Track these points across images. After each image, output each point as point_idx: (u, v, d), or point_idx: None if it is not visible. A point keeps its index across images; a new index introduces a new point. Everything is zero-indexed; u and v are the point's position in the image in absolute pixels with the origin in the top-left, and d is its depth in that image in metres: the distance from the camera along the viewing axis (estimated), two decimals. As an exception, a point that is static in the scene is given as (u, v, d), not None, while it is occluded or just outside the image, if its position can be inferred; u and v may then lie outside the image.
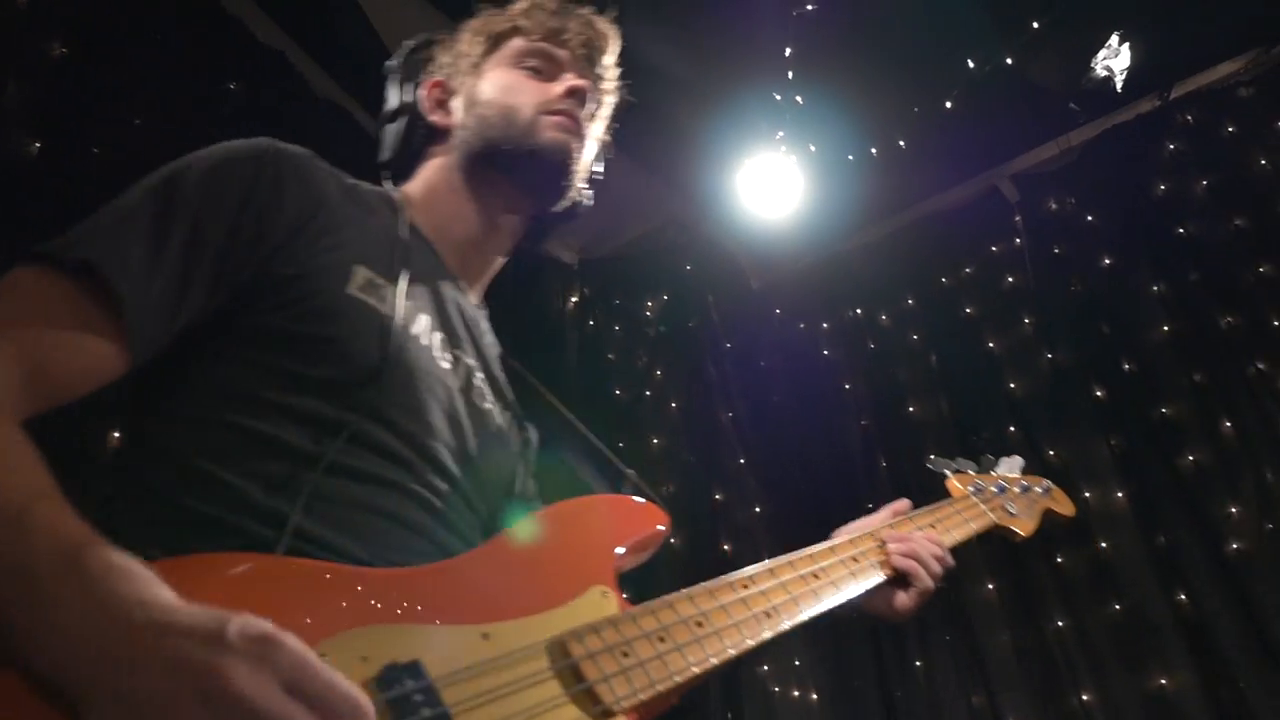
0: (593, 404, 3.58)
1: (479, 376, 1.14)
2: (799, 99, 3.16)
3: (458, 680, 0.77)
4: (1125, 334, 3.36)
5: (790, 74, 3.04)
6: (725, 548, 3.34)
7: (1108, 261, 3.51)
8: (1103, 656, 2.99)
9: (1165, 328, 3.29)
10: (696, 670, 0.93)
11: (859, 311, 4.00)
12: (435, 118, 1.27)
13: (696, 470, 3.53)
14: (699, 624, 0.98)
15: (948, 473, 1.62)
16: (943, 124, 3.42)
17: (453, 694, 0.75)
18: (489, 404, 1.14)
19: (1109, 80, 3.04)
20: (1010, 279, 3.70)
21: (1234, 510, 2.96)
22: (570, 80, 1.26)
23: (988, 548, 3.27)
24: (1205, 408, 3.12)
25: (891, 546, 1.28)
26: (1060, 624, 3.08)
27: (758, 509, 3.46)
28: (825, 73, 3.15)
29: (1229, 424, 3.06)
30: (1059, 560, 3.17)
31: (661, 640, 0.93)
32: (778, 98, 3.19)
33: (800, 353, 3.99)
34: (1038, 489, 1.69)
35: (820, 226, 3.89)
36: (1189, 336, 3.24)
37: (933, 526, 1.40)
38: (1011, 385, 3.51)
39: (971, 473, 1.63)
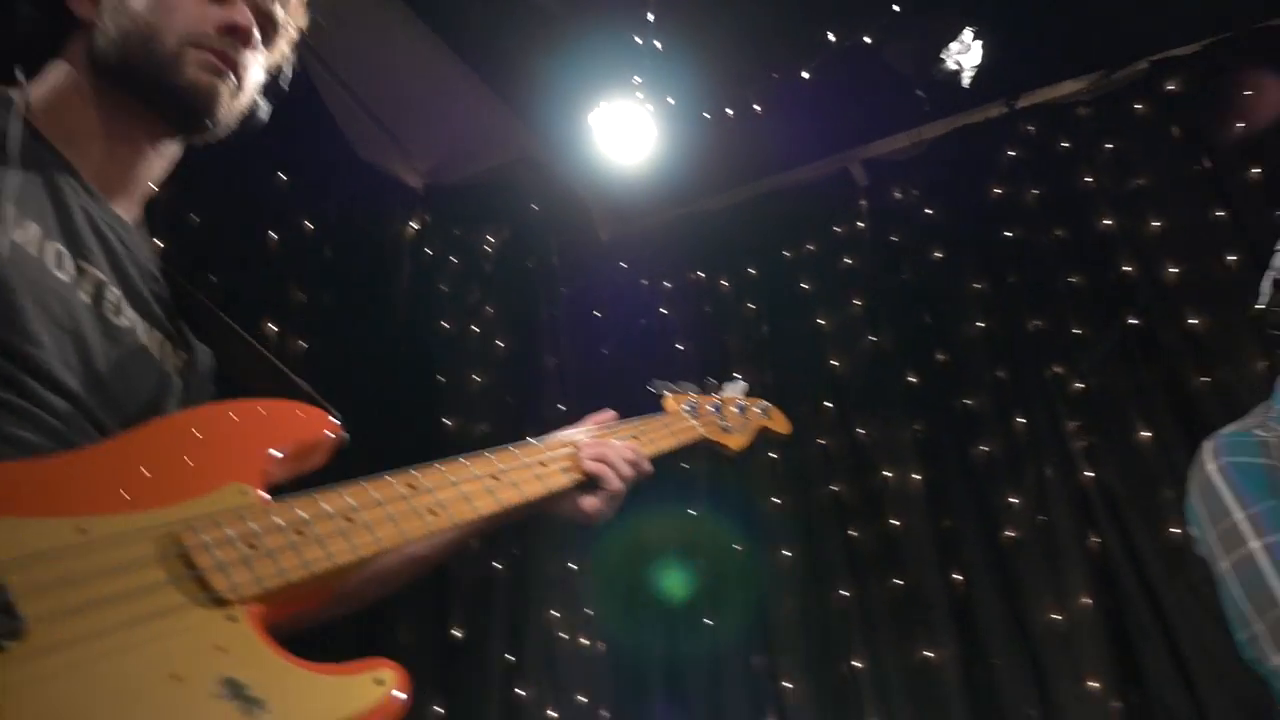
0: (415, 333, 3.46)
1: (113, 291, 1.04)
2: (658, 45, 3.10)
3: (26, 565, 0.68)
4: (943, 325, 3.48)
5: (651, 16, 2.97)
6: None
7: (938, 255, 3.62)
8: (878, 628, 3.10)
9: (979, 324, 3.43)
10: (339, 561, 0.87)
11: (701, 274, 4.00)
12: (74, 2, 1.10)
13: (513, 412, 3.46)
14: (348, 518, 0.91)
15: (665, 393, 1.63)
16: (801, 97, 3.43)
17: (21, 578, 0.67)
18: (126, 320, 1.05)
19: (957, 75, 3.11)
20: (848, 260, 3.77)
21: (1013, 501, 3.11)
22: (234, 14, 1.11)
23: (786, 519, 3.35)
24: (1002, 403, 3.27)
25: (584, 452, 1.27)
26: (844, 593, 3.18)
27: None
28: (687, 22, 3.10)
29: (1021, 420, 3.22)
30: (852, 533, 3.26)
31: (299, 533, 0.86)
32: (638, 41, 3.12)
33: (638, 308, 3.97)
34: (756, 409, 1.73)
35: (673, 185, 3.87)
36: (999, 334, 3.38)
37: (635, 437, 1.40)
38: (833, 363, 3.59)
39: (691, 394, 1.65)
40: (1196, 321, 3.09)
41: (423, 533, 0.98)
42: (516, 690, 2.96)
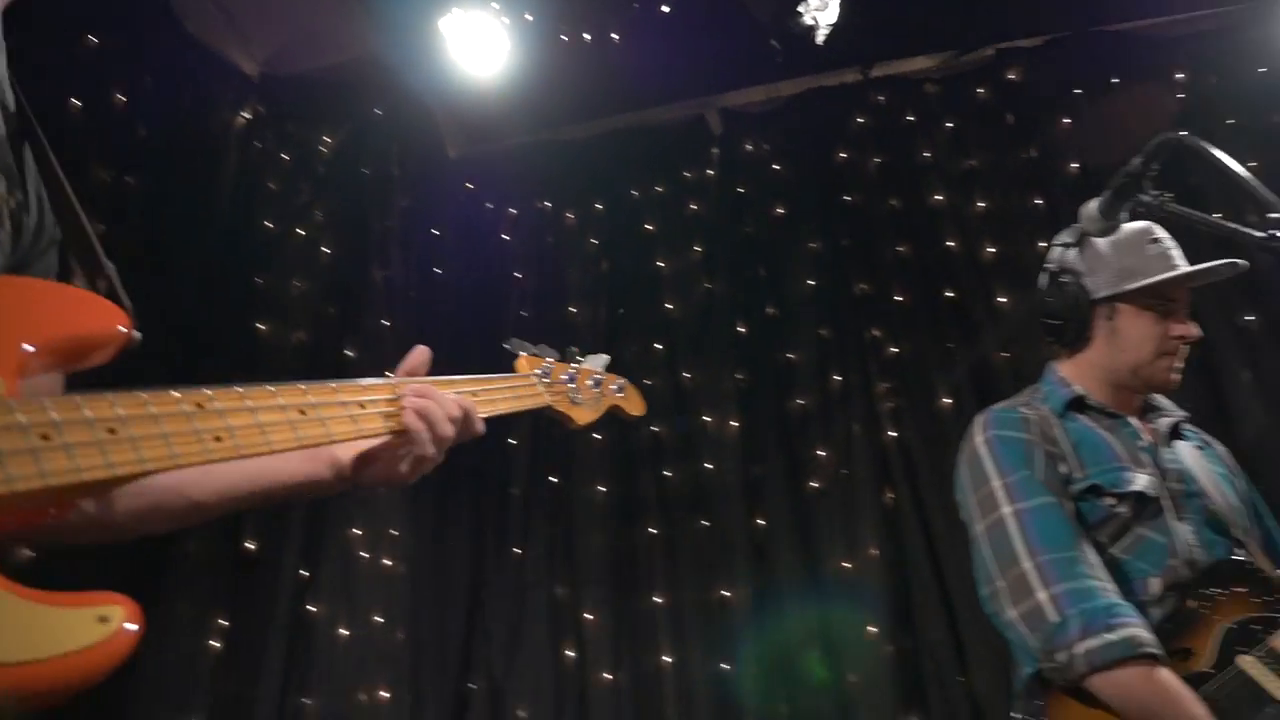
0: (234, 230, 3.24)
1: None
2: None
3: None
4: (776, 280, 3.55)
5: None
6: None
7: (780, 211, 3.69)
8: (681, 565, 3.18)
9: (810, 281, 3.52)
10: (87, 477, 0.74)
11: (548, 204, 3.92)
12: None
13: (334, 323, 3.31)
14: (111, 429, 0.78)
15: (521, 354, 1.57)
16: (661, 32, 3.38)
17: None
18: None
19: (813, 30, 3.13)
20: (694, 206, 3.78)
21: (821, 453, 3.24)
22: None
23: (604, 455, 3.37)
24: (822, 360, 3.38)
25: (407, 399, 1.13)
26: (653, 531, 3.24)
27: (389, 374, 3.29)
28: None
29: (837, 378, 3.34)
30: (665, 473, 3.32)
31: (44, 437, 0.73)
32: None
33: (479, 232, 3.86)
34: (612, 385, 1.67)
35: (526, 109, 3.75)
36: (827, 294, 3.48)
37: (474, 394, 1.28)
38: (668, 306, 3.60)
39: (548, 359, 1.58)
40: (1005, 300, 3.28)
41: (199, 459, 0.86)
42: (308, 607, 2.86)
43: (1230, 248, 1.52)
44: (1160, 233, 1.87)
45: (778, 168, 3.78)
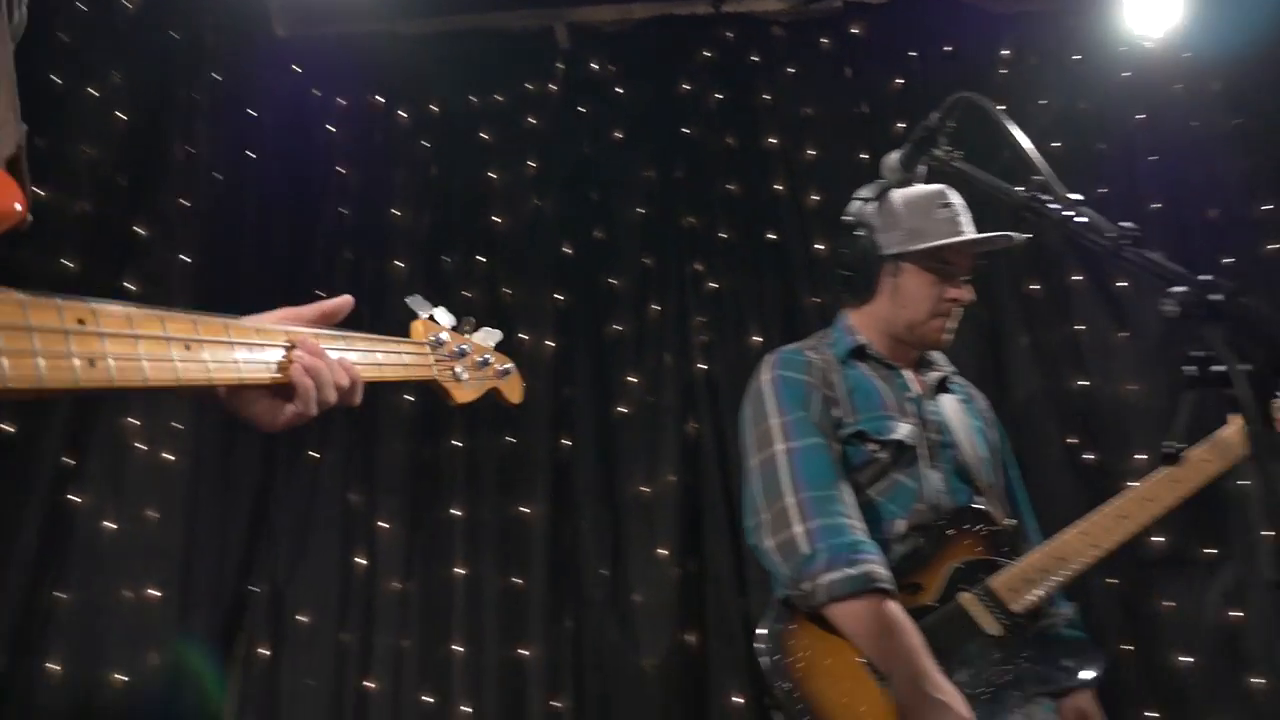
0: (22, 88, 2.89)
1: None
2: None
3: None
4: (607, 204, 3.53)
5: None
6: (130, 286, 2.94)
7: (618, 135, 3.65)
8: (483, 480, 3.17)
9: (640, 210, 3.51)
10: None
11: (381, 100, 3.72)
12: None
13: (124, 195, 3.04)
14: None
15: (421, 314, 1.48)
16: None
17: None
18: None
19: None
20: (532, 120, 3.68)
21: (631, 380, 3.28)
22: None
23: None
24: (643, 288, 3.40)
25: (298, 354, 1.08)
26: (457, 444, 3.20)
27: (184, 257, 3.08)
28: None
29: (656, 307, 3.38)
30: (475, 388, 3.27)
31: None
32: None
33: (302, 120, 3.62)
34: (498, 367, 1.61)
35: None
36: (655, 223, 3.49)
37: (367, 355, 1.23)
38: (495, 219, 3.52)
39: (444, 326, 1.51)
40: (821, 247, 3.39)
41: (67, 384, 0.78)
42: (69, 496, 2.67)
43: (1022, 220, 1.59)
44: (953, 198, 1.97)
45: (621, 91, 3.72)
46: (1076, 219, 1.26)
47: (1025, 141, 1.43)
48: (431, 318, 1.43)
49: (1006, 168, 1.58)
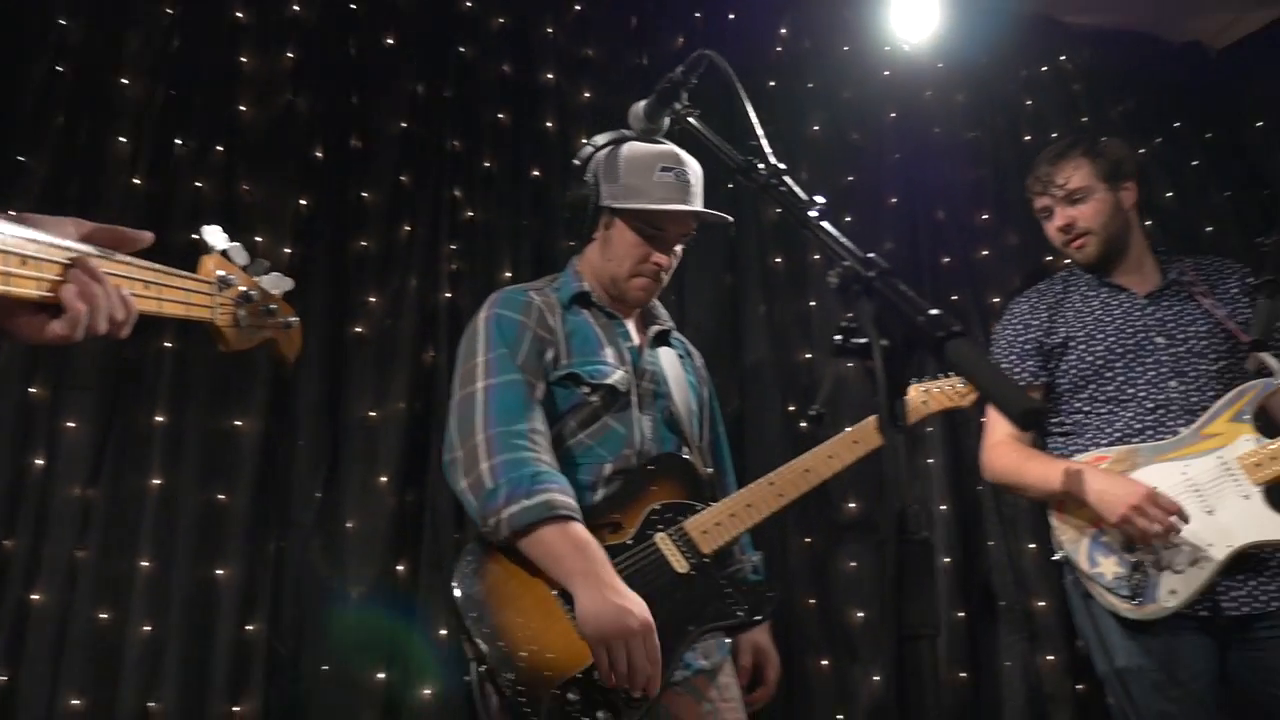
0: None
1: None
2: None
3: None
4: (368, 112, 3.32)
5: None
6: None
7: (390, 42, 3.43)
8: (193, 387, 2.92)
9: (403, 124, 3.34)
10: None
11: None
12: None
13: None
14: None
15: (216, 248, 1.30)
16: None
17: None
18: None
19: None
20: (296, 8, 3.38)
21: (370, 300, 3.14)
22: None
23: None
24: (395, 206, 3.25)
25: (76, 274, 1.01)
26: (167, 345, 2.93)
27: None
28: None
29: (406, 228, 3.24)
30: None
31: None
32: None
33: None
34: (280, 320, 1.45)
35: None
36: (416, 141, 3.33)
37: (145, 284, 1.13)
38: (241, 107, 3.22)
39: (236, 265, 1.33)
40: (584, 192, 3.38)
41: None
42: None
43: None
44: (683, 166, 2.00)
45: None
46: (779, 187, 1.31)
47: (749, 108, 1.46)
48: (225, 254, 1.33)
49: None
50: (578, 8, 3.65)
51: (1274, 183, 4.03)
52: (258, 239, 3.10)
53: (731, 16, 3.80)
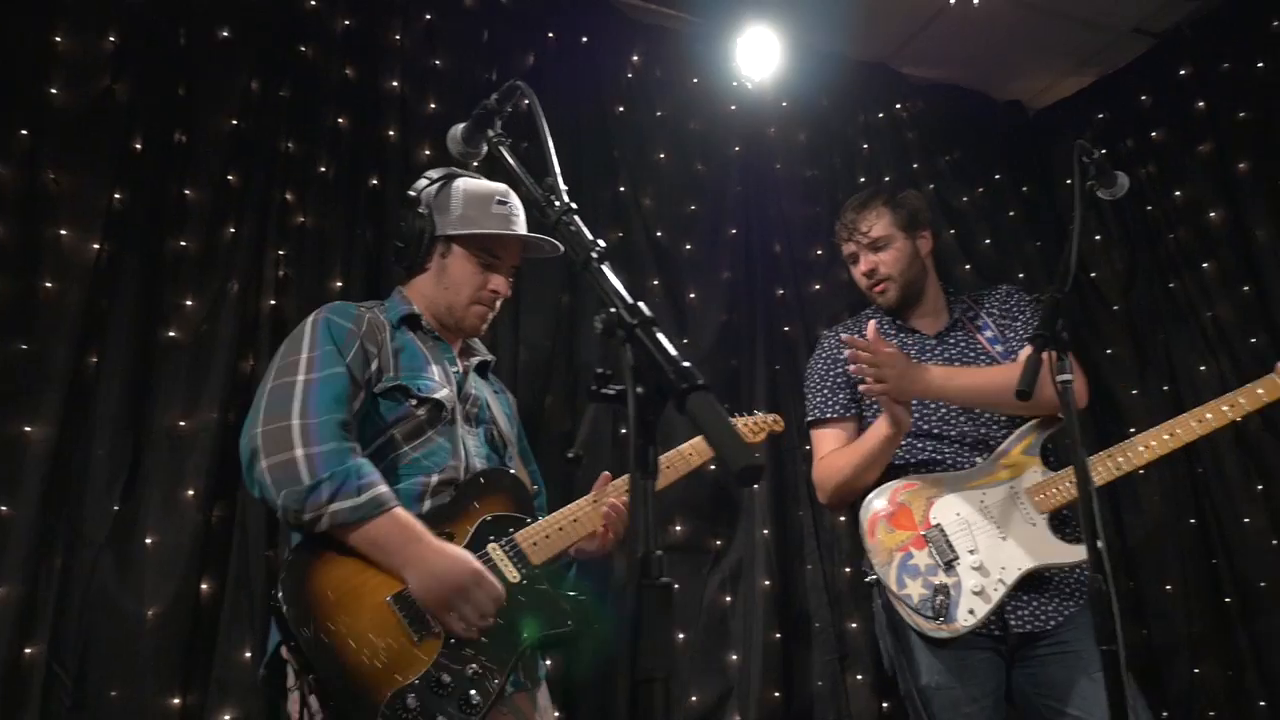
0: None
1: None
2: None
3: None
4: (195, 105, 3.14)
5: None
6: None
7: (224, 34, 3.28)
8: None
9: (234, 121, 3.19)
10: None
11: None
12: None
13: None
14: None
15: None
16: None
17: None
18: None
19: None
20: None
21: (187, 302, 2.99)
22: None
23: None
24: (221, 206, 3.09)
25: None
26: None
27: None
28: None
29: (231, 229, 3.09)
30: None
31: None
32: None
33: None
34: None
35: None
36: (249, 139, 3.19)
37: None
38: (53, 90, 3.00)
39: None
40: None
41: None
42: None
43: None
44: (513, 200, 2.14)
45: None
46: (568, 225, 1.32)
47: (549, 141, 1.47)
48: None
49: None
50: (428, 16, 3.60)
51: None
52: (63, 232, 2.90)
53: (585, 39, 3.83)
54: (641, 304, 1.11)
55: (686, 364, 1.00)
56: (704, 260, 3.78)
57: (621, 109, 3.83)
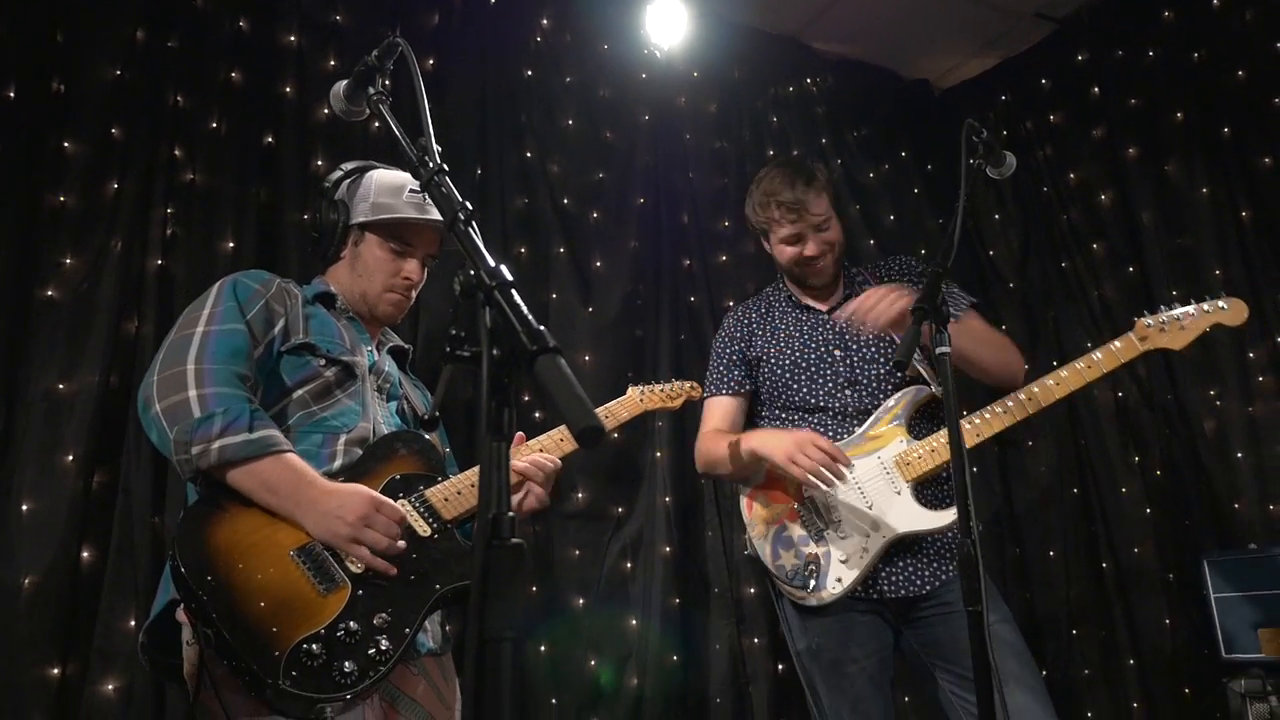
0: None
1: None
2: None
3: None
4: (74, 54, 3.00)
5: None
6: None
7: None
8: None
9: (117, 71, 3.04)
10: None
11: None
12: None
13: None
14: None
15: None
16: None
17: None
18: None
19: None
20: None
21: (66, 261, 2.86)
22: None
23: None
24: (104, 161, 2.96)
25: None
26: None
27: None
28: None
29: (115, 185, 2.96)
30: None
31: None
32: None
33: None
34: None
35: None
36: (132, 90, 3.04)
37: None
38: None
39: None
40: (321, 164, 3.25)
41: None
42: None
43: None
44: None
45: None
46: (439, 187, 1.31)
47: (425, 101, 1.44)
48: None
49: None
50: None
51: (977, 215, 4.50)
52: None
53: (492, 1, 3.76)
54: (504, 266, 1.11)
55: (540, 328, 1.01)
56: (611, 229, 3.78)
57: (530, 73, 3.78)
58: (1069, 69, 4.30)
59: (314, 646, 1.59)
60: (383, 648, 1.65)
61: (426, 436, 2.04)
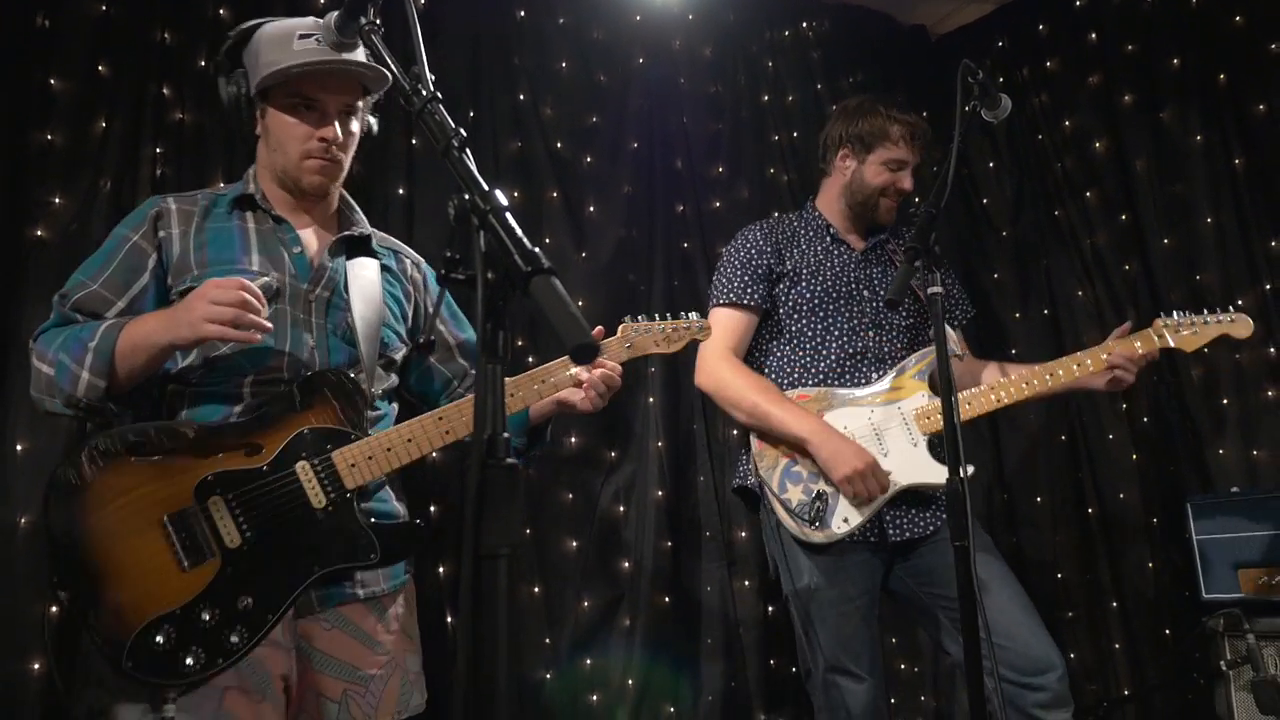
0: None
1: None
2: None
3: None
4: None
5: None
6: None
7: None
8: None
9: (103, 6, 2.99)
10: None
11: None
12: None
13: None
14: None
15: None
16: None
17: None
18: None
19: None
20: None
21: (55, 200, 2.83)
22: None
23: None
24: (91, 98, 2.92)
25: None
26: None
27: None
28: None
29: (103, 124, 2.92)
30: None
31: None
32: None
33: None
34: None
35: None
36: (118, 28, 3.00)
37: None
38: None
39: None
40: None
41: None
42: None
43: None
44: (328, 30, 1.62)
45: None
46: (433, 115, 1.30)
47: (417, 28, 1.42)
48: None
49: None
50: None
51: (971, 163, 4.47)
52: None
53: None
54: (498, 191, 1.11)
55: (535, 249, 1.01)
56: (604, 173, 3.75)
57: (523, 13, 3.72)
58: (1067, 14, 4.25)
59: (159, 636, 1.53)
60: (230, 643, 1.56)
61: (349, 374, 1.81)
